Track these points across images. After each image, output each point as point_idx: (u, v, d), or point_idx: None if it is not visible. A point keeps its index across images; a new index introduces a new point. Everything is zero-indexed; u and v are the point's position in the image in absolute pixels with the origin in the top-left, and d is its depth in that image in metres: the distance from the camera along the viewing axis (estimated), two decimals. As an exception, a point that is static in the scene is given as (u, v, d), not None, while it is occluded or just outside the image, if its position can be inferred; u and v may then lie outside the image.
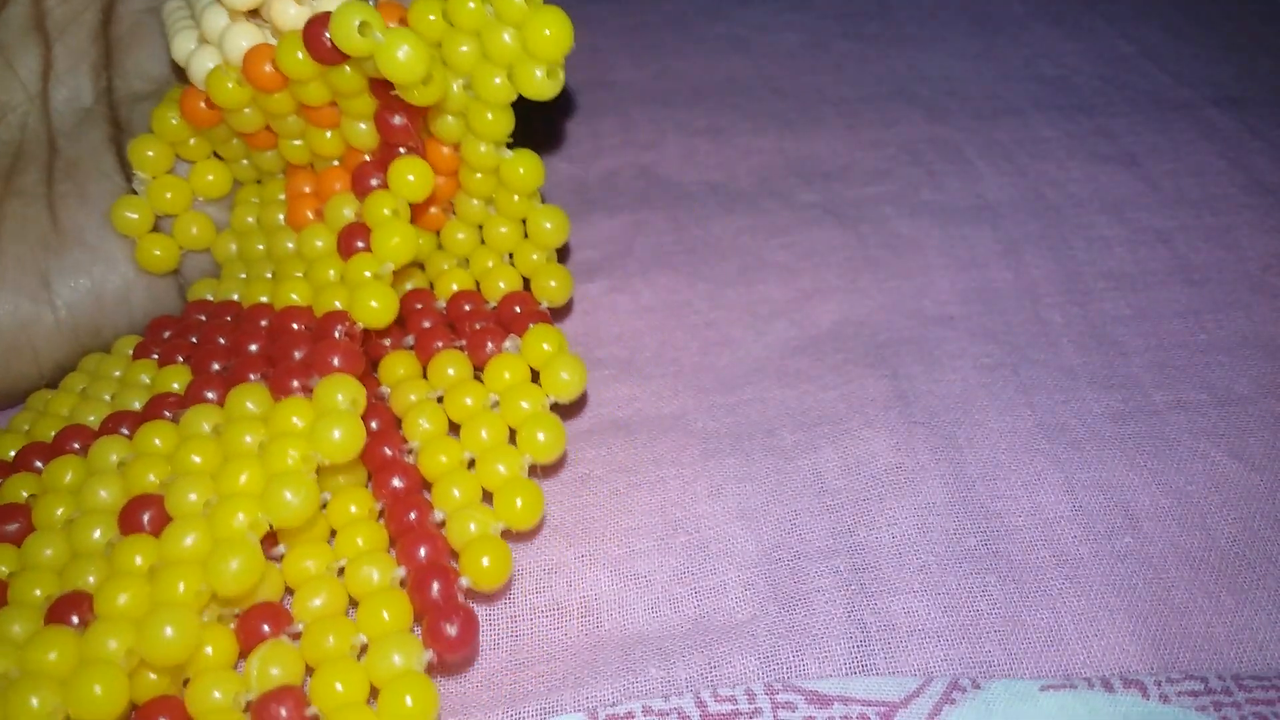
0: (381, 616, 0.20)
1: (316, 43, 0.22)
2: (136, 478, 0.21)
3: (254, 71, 0.24)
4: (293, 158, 0.27)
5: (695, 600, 0.22)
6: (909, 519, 0.23)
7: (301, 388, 0.22)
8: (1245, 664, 0.20)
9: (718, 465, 0.25)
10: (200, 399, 0.23)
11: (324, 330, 0.23)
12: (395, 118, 0.24)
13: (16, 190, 0.26)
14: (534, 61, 0.23)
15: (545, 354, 0.24)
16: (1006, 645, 0.21)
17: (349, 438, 0.20)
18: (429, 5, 0.23)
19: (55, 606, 0.19)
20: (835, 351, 0.28)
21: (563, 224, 0.26)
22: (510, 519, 0.22)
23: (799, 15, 0.44)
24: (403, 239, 0.23)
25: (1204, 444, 0.24)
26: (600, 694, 0.20)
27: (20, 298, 0.25)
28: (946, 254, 0.31)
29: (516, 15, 0.23)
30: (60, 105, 0.27)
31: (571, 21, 0.23)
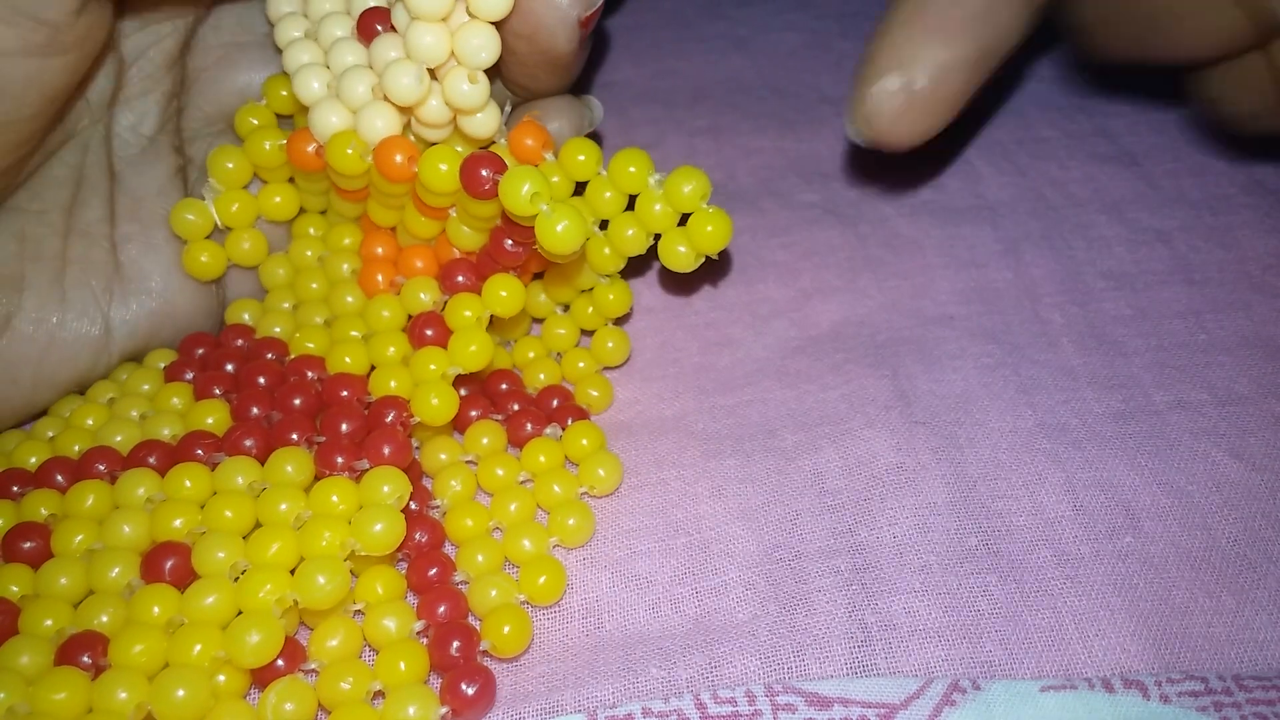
0: (399, 667, 0.20)
1: (473, 179, 0.22)
2: (163, 521, 0.21)
3: (384, 160, 0.23)
4: (379, 220, 0.26)
5: (696, 601, 0.22)
6: (910, 519, 0.23)
7: (346, 466, 0.22)
8: (1246, 664, 0.20)
9: (718, 466, 0.25)
10: (239, 447, 0.22)
11: (378, 414, 0.23)
12: (509, 243, 0.24)
13: (80, 229, 0.25)
14: (685, 242, 0.24)
15: (584, 449, 0.24)
16: (1007, 645, 0.21)
17: (389, 533, 0.20)
18: (583, 147, 0.24)
19: (67, 645, 0.19)
20: (835, 351, 0.28)
21: (624, 347, 0.27)
22: (532, 594, 0.22)
23: (799, 15, 0.44)
24: (480, 348, 0.23)
25: (1205, 444, 0.24)
26: (600, 694, 0.20)
27: (79, 347, 0.25)
28: (946, 254, 0.31)
29: (685, 204, 0.23)
30: (123, 131, 0.26)
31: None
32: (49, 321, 0.24)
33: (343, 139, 0.24)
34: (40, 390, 0.25)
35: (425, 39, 0.23)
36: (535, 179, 0.21)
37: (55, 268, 0.25)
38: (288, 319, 0.26)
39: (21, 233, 0.24)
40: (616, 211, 0.24)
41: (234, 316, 0.27)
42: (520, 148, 0.24)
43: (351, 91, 0.24)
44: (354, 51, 0.24)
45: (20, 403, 0.25)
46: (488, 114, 0.24)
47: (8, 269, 0.24)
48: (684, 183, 0.23)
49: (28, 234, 0.24)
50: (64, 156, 0.25)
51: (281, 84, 0.26)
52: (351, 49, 0.24)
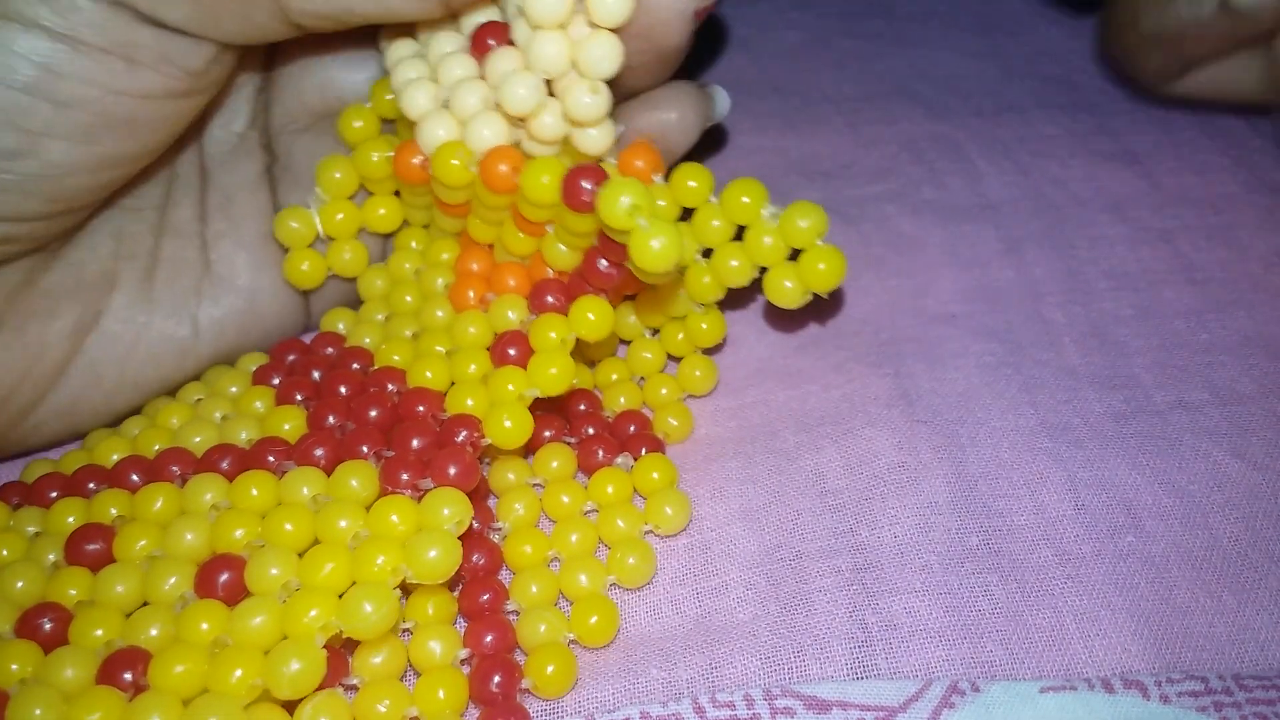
0: (437, 695, 0.19)
1: (574, 191, 0.22)
2: (224, 531, 0.21)
3: (490, 170, 0.23)
4: (477, 236, 0.26)
5: (697, 601, 0.22)
6: (911, 518, 0.23)
7: (410, 484, 0.21)
8: (1247, 663, 0.20)
9: (720, 468, 0.25)
10: (309, 457, 0.22)
11: (449, 432, 0.22)
12: (604, 263, 0.23)
13: (172, 228, 0.25)
14: (794, 278, 0.23)
15: (654, 483, 0.24)
16: (1008, 645, 0.21)
17: (444, 561, 0.19)
18: (696, 173, 0.23)
19: (110, 661, 0.19)
20: (837, 350, 0.28)
21: (711, 377, 0.26)
22: (582, 633, 0.21)
23: (800, 13, 0.44)
24: (561, 371, 0.22)
25: (1206, 443, 0.24)
26: (600, 697, 0.20)
27: (167, 349, 0.25)
28: (948, 252, 0.30)
29: (799, 240, 0.23)
30: (215, 129, 0.26)
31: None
32: (137, 321, 0.24)
33: (449, 149, 0.23)
34: (122, 391, 0.25)
35: (548, 49, 0.22)
36: (635, 191, 0.20)
37: (147, 266, 0.25)
38: (379, 330, 0.26)
39: (119, 230, 0.24)
40: (724, 240, 0.24)
41: (329, 324, 0.27)
42: (629, 168, 0.23)
43: (463, 103, 0.23)
44: (464, 65, 0.24)
45: (99, 404, 0.24)
46: (602, 130, 0.23)
47: (103, 267, 0.24)
48: (800, 217, 0.23)
49: (125, 231, 0.24)
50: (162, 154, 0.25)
51: (387, 88, 0.26)
52: (461, 63, 0.24)
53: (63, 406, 0.24)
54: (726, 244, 0.24)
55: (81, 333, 0.24)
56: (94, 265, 0.24)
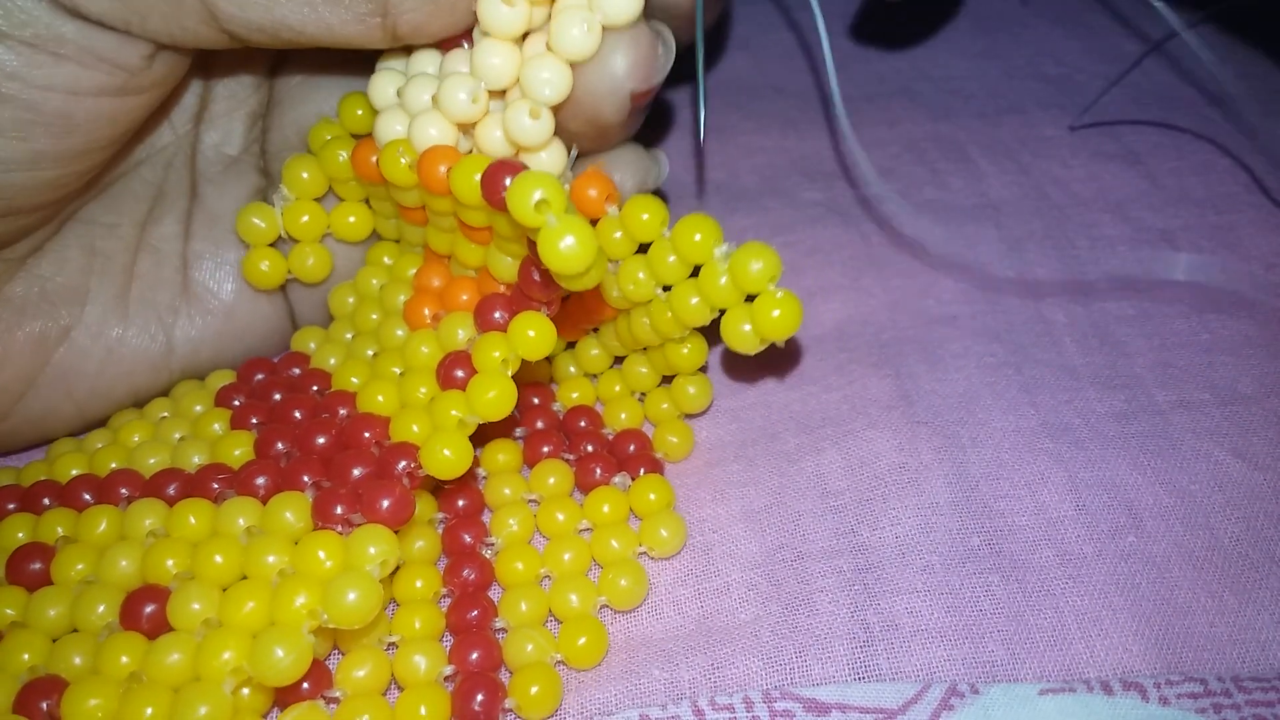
0: (419, 711, 0.19)
1: (492, 186, 0.20)
2: (155, 560, 0.20)
3: (427, 169, 0.22)
4: (436, 246, 0.25)
5: (699, 602, 0.22)
6: (912, 519, 0.23)
7: (343, 518, 0.20)
8: (1247, 664, 0.20)
9: (721, 469, 0.25)
10: (249, 486, 0.22)
11: (387, 462, 0.21)
12: (537, 274, 0.21)
13: (151, 245, 0.25)
14: (749, 321, 0.22)
15: (650, 504, 0.23)
16: (1010, 645, 0.21)
17: (362, 605, 0.18)
18: (648, 205, 0.22)
19: (27, 690, 0.19)
20: (838, 351, 0.28)
21: (706, 395, 0.25)
22: (570, 655, 0.21)
23: (799, 14, 0.44)
24: (500, 396, 0.21)
25: (1207, 443, 0.24)
26: (601, 698, 0.20)
27: (140, 364, 0.25)
28: (949, 253, 0.31)
29: (751, 284, 0.22)
30: (207, 150, 0.26)
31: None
32: (108, 336, 0.24)
33: (394, 146, 0.23)
34: (94, 403, 0.25)
35: (491, 59, 0.22)
36: (547, 186, 0.19)
37: (121, 282, 0.24)
38: (344, 350, 0.26)
39: (91, 246, 0.24)
40: (680, 278, 0.23)
41: (300, 344, 0.26)
42: (582, 197, 0.23)
43: (415, 98, 0.23)
44: (432, 62, 0.23)
45: (72, 414, 0.25)
46: (551, 154, 0.23)
47: (73, 281, 0.24)
48: (751, 259, 0.21)
49: (97, 248, 0.24)
50: (143, 173, 0.25)
51: (358, 102, 0.25)
52: (430, 59, 0.23)
53: (34, 416, 0.24)
54: (684, 281, 0.23)
55: (47, 344, 0.23)
56: (61, 278, 0.24)
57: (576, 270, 0.19)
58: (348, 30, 0.21)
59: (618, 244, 0.23)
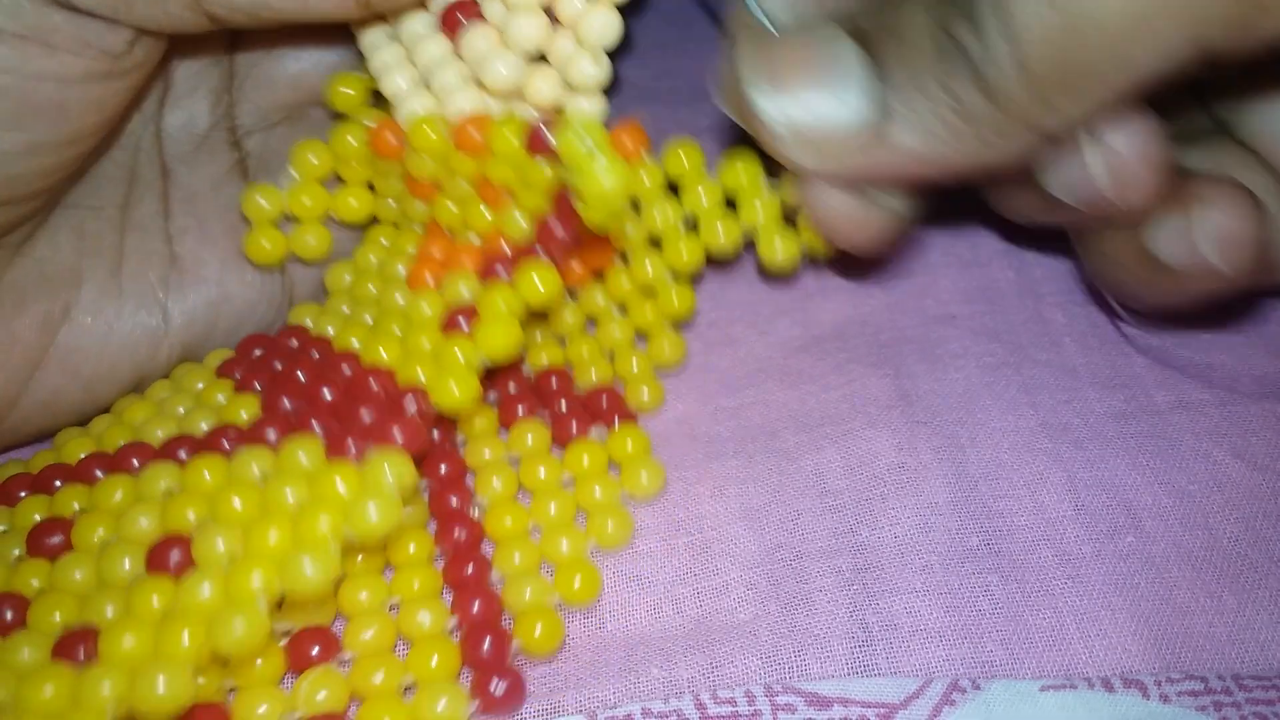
0: (430, 661, 0.20)
1: (538, 136, 0.23)
2: (176, 513, 0.21)
3: (464, 134, 0.24)
4: (442, 219, 0.26)
5: (697, 601, 0.22)
6: (911, 518, 0.23)
7: (356, 453, 0.21)
8: (1247, 664, 0.20)
9: (720, 467, 0.25)
10: (260, 437, 0.22)
11: (396, 400, 0.22)
12: (558, 229, 0.23)
13: (135, 224, 0.25)
14: (786, 239, 0.24)
15: (628, 452, 0.24)
16: (1008, 645, 0.21)
17: (385, 517, 0.19)
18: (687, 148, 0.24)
19: (64, 640, 0.19)
20: (838, 351, 0.28)
21: (680, 351, 0.27)
22: (567, 595, 0.22)
23: (801, 14, 0.44)
24: (507, 336, 0.22)
25: (1207, 443, 0.24)
26: (601, 695, 0.20)
27: (139, 339, 0.25)
28: (949, 252, 0.30)
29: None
30: (174, 130, 0.26)
31: None
32: (107, 312, 0.25)
33: (426, 120, 0.24)
34: (99, 382, 0.25)
35: (527, 29, 0.23)
36: (594, 129, 0.21)
37: (112, 260, 0.25)
38: (342, 320, 0.26)
39: (80, 228, 0.25)
40: (715, 210, 0.24)
41: (296, 318, 0.27)
42: (619, 146, 0.24)
43: (441, 81, 0.24)
44: (440, 45, 0.25)
45: (79, 394, 0.25)
46: (594, 103, 0.24)
47: (67, 263, 0.24)
48: None
49: (85, 229, 0.25)
50: (115, 156, 0.26)
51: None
52: (437, 43, 0.25)
53: (43, 399, 0.24)
54: (714, 210, 0.24)
55: (52, 325, 0.24)
56: (57, 261, 0.24)
57: (614, 206, 0.21)
58: (324, 6, 0.23)
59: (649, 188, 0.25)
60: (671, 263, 0.25)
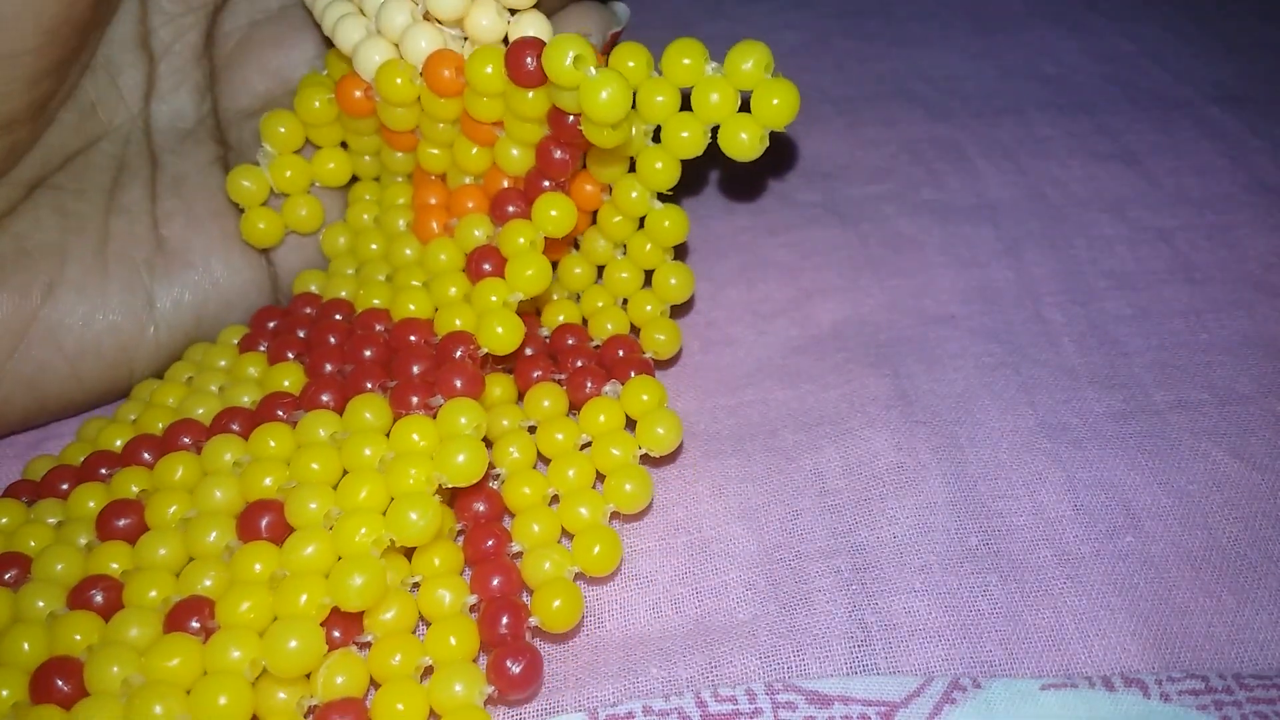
0: (448, 642, 0.20)
1: (518, 65, 0.22)
2: (253, 481, 0.21)
3: (433, 75, 0.24)
4: (428, 165, 0.26)
5: (696, 600, 0.22)
6: (910, 518, 0.23)
7: (421, 405, 0.22)
8: (1246, 663, 0.20)
9: (719, 466, 0.25)
10: (316, 402, 0.23)
11: (446, 351, 0.23)
12: (558, 151, 0.24)
13: (120, 207, 0.26)
14: (747, 125, 0.23)
15: (644, 405, 0.24)
16: (1007, 645, 0.21)
17: (473, 462, 0.20)
18: (633, 51, 0.23)
19: (175, 611, 0.19)
20: (836, 351, 0.28)
21: (688, 282, 0.26)
22: (586, 564, 0.21)
23: (799, 14, 0.44)
24: (537, 271, 0.23)
25: (1205, 443, 0.24)
26: (601, 694, 0.20)
27: (125, 319, 0.25)
28: (947, 253, 0.31)
29: (746, 81, 0.23)
30: (162, 124, 0.27)
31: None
32: (91, 291, 0.25)
33: (390, 69, 0.24)
34: (84, 361, 0.25)
35: None
36: (577, 44, 0.21)
37: (97, 240, 0.25)
38: (353, 283, 0.27)
39: (62, 207, 0.25)
40: (671, 114, 0.23)
41: (301, 286, 0.27)
42: None
43: (390, 22, 0.24)
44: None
45: (64, 372, 0.25)
46: (538, 25, 0.24)
47: (49, 239, 0.25)
48: (743, 60, 0.22)
49: (69, 209, 0.25)
50: (104, 147, 0.26)
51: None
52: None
53: (28, 375, 0.24)
54: (673, 116, 0.23)
55: (33, 299, 0.24)
56: (39, 236, 0.24)
57: (620, 115, 0.21)
58: None
59: (658, 107, 0.24)
60: (648, 182, 0.25)
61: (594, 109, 0.21)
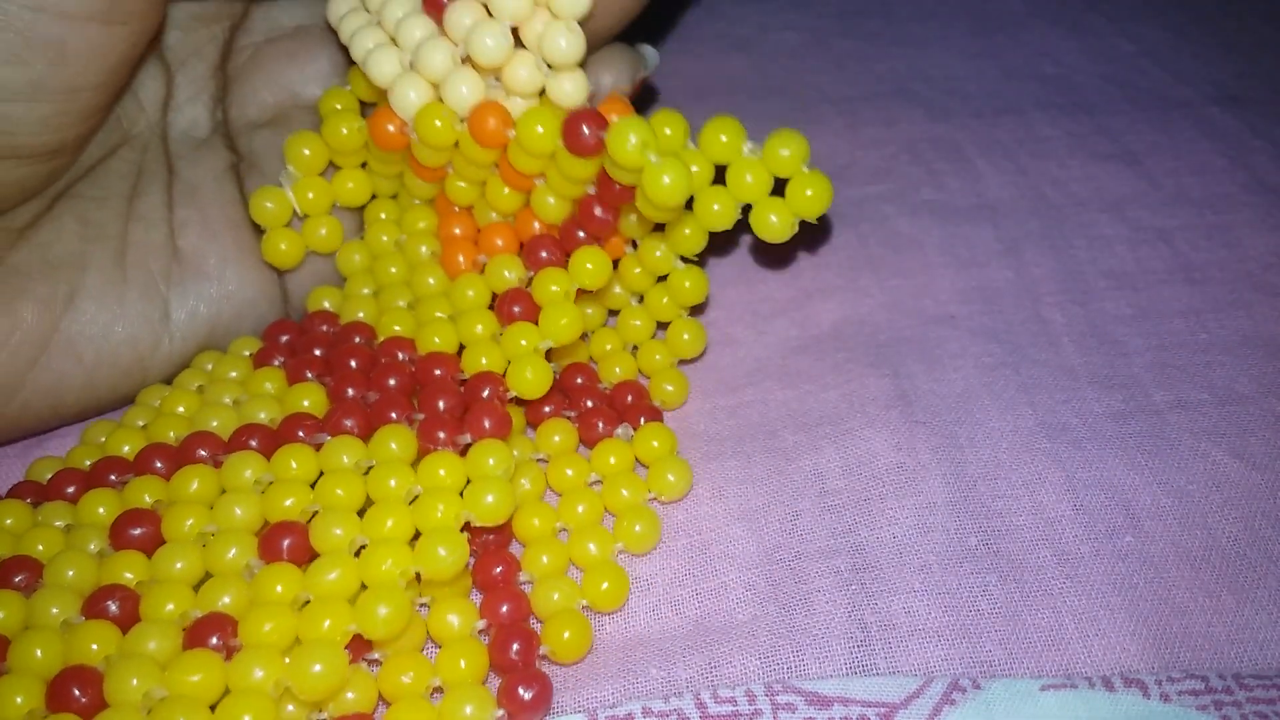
0: (459, 665, 0.20)
1: (575, 134, 0.22)
2: (274, 501, 0.21)
3: (479, 126, 0.24)
4: (455, 198, 0.26)
5: (696, 601, 0.22)
6: (910, 518, 0.23)
7: (449, 441, 0.22)
8: (1246, 663, 0.20)
9: (719, 467, 0.25)
10: (340, 428, 0.23)
11: (474, 390, 0.23)
12: (600, 210, 0.24)
13: (139, 215, 0.26)
14: (779, 210, 0.23)
15: (654, 451, 0.24)
16: (1007, 645, 0.21)
17: (502, 503, 0.21)
18: (671, 119, 0.23)
19: (196, 628, 0.19)
20: (836, 351, 0.28)
21: (700, 339, 0.27)
22: (594, 600, 0.22)
23: (799, 14, 0.44)
24: (570, 321, 0.23)
25: (1205, 443, 0.24)
26: (600, 695, 0.20)
27: (141, 329, 0.25)
28: (947, 253, 0.31)
29: (782, 168, 0.23)
30: (177, 135, 0.27)
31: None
32: (110, 301, 0.25)
33: (431, 111, 0.24)
34: (101, 370, 0.25)
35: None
36: (641, 130, 0.21)
37: (116, 249, 0.25)
38: (369, 304, 0.27)
39: (84, 216, 0.25)
40: (704, 185, 0.23)
41: (315, 304, 0.27)
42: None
43: (430, 63, 0.24)
44: (423, 26, 0.24)
45: (81, 381, 0.25)
46: (576, 82, 0.24)
47: (71, 248, 0.25)
48: (782, 146, 0.23)
49: (90, 218, 0.25)
50: (124, 154, 0.26)
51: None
52: (420, 24, 0.24)
53: (47, 385, 0.24)
54: (706, 188, 0.23)
55: (55, 309, 0.24)
56: (61, 246, 0.24)
57: (680, 201, 0.22)
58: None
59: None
60: (675, 245, 0.25)
61: (656, 193, 0.21)
